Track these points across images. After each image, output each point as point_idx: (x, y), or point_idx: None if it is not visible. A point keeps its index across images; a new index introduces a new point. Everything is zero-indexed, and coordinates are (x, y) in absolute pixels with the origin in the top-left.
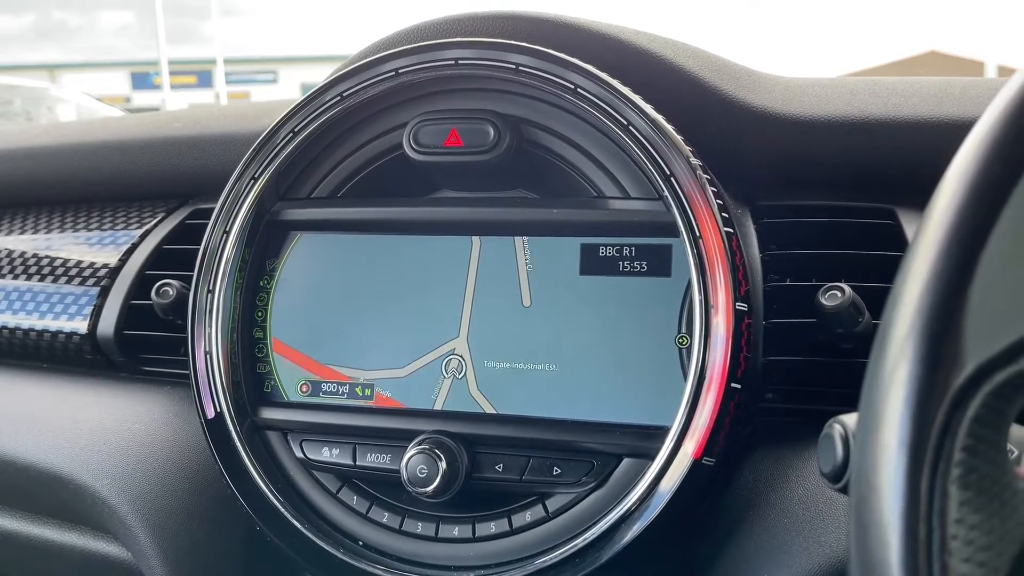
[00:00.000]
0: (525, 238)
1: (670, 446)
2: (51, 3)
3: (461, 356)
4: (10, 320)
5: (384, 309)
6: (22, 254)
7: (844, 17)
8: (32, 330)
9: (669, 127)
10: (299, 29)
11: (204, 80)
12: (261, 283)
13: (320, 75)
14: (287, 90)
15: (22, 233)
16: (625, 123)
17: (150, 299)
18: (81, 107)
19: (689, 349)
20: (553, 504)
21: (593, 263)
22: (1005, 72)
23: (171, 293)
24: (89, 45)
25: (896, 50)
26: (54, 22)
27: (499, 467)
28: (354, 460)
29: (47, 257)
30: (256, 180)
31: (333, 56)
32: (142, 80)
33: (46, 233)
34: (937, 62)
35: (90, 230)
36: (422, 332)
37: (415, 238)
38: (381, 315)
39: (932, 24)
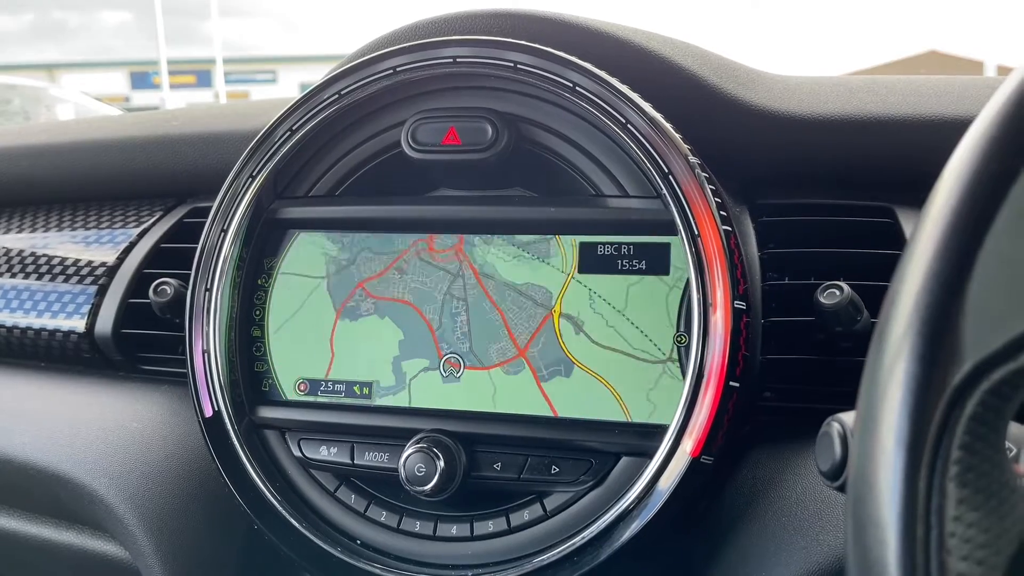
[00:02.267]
0: (523, 236)
1: (668, 445)
2: (50, 3)
3: (459, 354)
4: (8, 319)
5: (382, 308)
6: (20, 252)
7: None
8: (30, 329)
9: (667, 125)
10: (298, 29)
11: (203, 80)
12: (259, 282)
13: (319, 75)
14: (286, 90)
15: (20, 232)
16: (623, 121)
17: (148, 298)
18: (80, 107)
19: (687, 347)
20: (551, 503)
21: (591, 261)
22: (1005, 72)
23: (169, 292)
24: (88, 45)
25: (896, 50)
26: (53, 22)
27: (497, 466)
28: (352, 459)
29: (45, 256)
30: (254, 178)
31: (332, 56)
32: (141, 80)
33: (44, 232)
34: (937, 62)
35: (88, 229)
36: (420, 330)
37: (413, 236)
38: (379, 314)
39: (932, 24)
